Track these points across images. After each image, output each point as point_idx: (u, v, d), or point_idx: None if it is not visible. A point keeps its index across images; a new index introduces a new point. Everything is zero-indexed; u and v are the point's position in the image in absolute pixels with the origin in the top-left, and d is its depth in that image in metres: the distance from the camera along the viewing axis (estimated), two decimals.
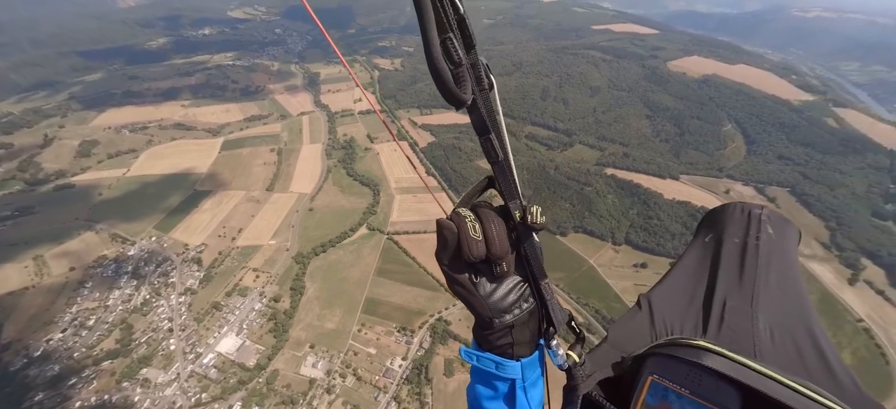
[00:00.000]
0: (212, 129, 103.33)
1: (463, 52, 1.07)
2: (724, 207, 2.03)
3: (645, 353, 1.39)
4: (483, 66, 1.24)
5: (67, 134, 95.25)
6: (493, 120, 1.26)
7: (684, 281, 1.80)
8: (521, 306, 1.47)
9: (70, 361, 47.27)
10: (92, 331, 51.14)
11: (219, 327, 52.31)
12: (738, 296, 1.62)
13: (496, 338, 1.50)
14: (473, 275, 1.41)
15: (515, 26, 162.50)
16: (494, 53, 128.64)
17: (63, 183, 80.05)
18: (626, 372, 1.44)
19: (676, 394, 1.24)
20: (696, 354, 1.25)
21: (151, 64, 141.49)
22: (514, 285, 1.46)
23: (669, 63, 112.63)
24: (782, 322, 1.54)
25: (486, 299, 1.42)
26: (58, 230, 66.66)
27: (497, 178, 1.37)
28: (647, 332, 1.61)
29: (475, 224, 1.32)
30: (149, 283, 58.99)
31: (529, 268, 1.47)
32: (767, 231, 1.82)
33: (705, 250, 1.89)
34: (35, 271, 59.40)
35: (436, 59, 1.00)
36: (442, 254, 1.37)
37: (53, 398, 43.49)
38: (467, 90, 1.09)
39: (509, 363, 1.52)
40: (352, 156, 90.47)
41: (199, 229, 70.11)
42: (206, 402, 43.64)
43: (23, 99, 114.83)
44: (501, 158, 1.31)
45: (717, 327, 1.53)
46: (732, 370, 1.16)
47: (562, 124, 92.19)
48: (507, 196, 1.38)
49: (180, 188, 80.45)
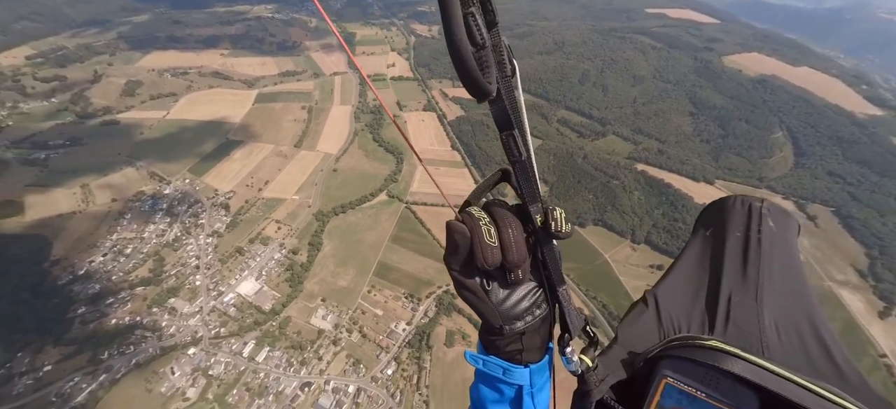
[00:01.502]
0: (247, 80, 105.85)
1: (485, 30, 0.88)
2: (723, 200, 1.98)
3: (657, 354, 1.34)
4: (505, 48, 1.06)
5: (115, 72, 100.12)
6: (516, 113, 1.11)
7: (688, 276, 1.77)
8: (534, 312, 1.39)
9: (108, 283, 51.65)
10: (128, 259, 55.36)
11: (240, 270, 55.37)
12: (742, 291, 1.59)
13: (505, 344, 1.43)
14: (485, 281, 1.30)
15: (563, 2, 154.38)
16: (536, 30, 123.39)
17: (109, 119, 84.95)
18: (638, 374, 1.40)
19: (691, 397, 1.21)
20: (711, 356, 1.21)
21: (195, 10, 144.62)
22: (529, 291, 1.37)
23: (725, 58, 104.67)
24: (787, 317, 1.52)
25: (498, 306, 1.32)
26: (103, 163, 71.37)
27: (517, 178, 1.25)
28: (655, 331, 1.58)
29: (490, 228, 1.20)
30: (180, 221, 62.71)
31: (547, 275, 1.38)
32: (769, 224, 1.78)
33: (707, 245, 1.86)
34: (82, 198, 64.28)
35: (459, 41, 0.81)
36: (452, 258, 1.25)
37: (93, 313, 47.96)
38: (492, 78, 0.91)
39: (518, 370, 1.46)
40: (379, 121, 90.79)
41: (229, 177, 73.27)
42: (224, 336, 46.95)
43: (76, 34, 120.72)
44: (524, 157, 1.18)
45: (724, 324, 1.50)
46: (751, 373, 1.14)
47: (597, 112, 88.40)
48: (528, 198, 1.27)
49: (214, 135, 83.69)
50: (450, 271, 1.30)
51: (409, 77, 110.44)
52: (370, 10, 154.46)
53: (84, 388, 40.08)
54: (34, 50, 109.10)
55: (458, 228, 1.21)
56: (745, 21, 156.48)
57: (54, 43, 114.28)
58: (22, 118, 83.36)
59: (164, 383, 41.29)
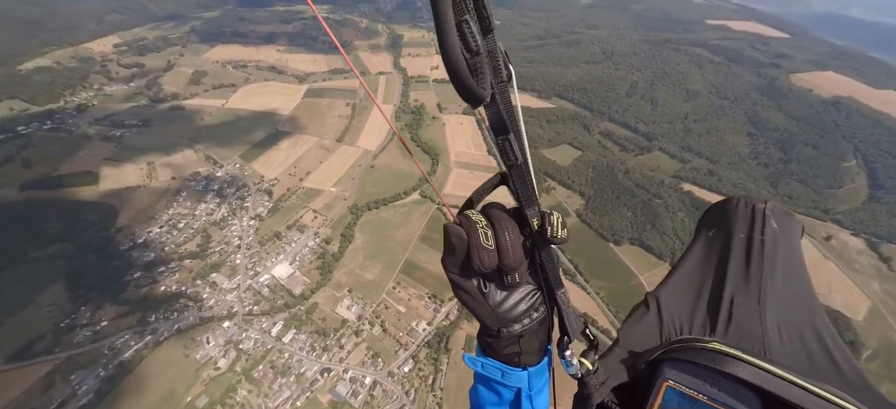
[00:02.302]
0: (299, 75, 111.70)
1: (480, 37, 0.88)
2: (726, 201, 1.98)
3: (658, 357, 1.33)
4: (501, 54, 1.06)
5: (185, 62, 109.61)
6: (512, 118, 1.11)
7: (690, 278, 1.77)
8: (532, 315, 1.39)
9: (161, 253, 56.49)
10: (180, 232, 60.21)
11: (276, 253, 58.36)
12: (745, 293, 1.59)
13: (503, 347, 1.44)
14: (482, 284, 1.31)
15: (615, 10, 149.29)
16: (585, 38, 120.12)
17: (176, 104, 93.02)
18: (639, 376, 1.40)
19: (692, 400, 1.19)
20: (713, 358, 1.21)
21: (258, 8, 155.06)
22: (526, 294, 1.38)
23: (794, 75, 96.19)
24: (789, 319, 1.51)
25: (495, 309, 1.33)
26: (167, 144, 78.27)
27: (514, 182, 1.23)
28: (656, 333, 1.59)
29: (487, 231, 1.20)
30: (228, 203, 67.26)
31: (545, 279, 1.39)
32: (772, 226, 1.76)
33: (710, 246, 1.86)
34: (147, 174, 70.89)
35: (451, 48, 0.80)
36: (449, 261, 1.26)
37: (146, 278, 52.65)
38: (486, 83, 0.90)
39: (515, 372, 1.46)
40: (419, 122, 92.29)
41: (275, 165, 77.60)
42: (256, 314, 49.71)
43: (156, 27, 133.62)
44: (520, 161, 1.16)
45: (725, 326, 1.50)
46: (753, 376, 1.13)
47: (643, 126, 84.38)
48: (524, 202, 1.25)
49: (265, 125, 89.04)
50: (447, 274, 1.30)
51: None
52: (419, 13, 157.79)
53: (132, 345, 44.12)
54: (121, 39, 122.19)
55: (455, 230, 1.20)
56: (820, 37, 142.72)
57: (138, 34, 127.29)
58: (105, 99, 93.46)
59: (199, 350, 44.42)
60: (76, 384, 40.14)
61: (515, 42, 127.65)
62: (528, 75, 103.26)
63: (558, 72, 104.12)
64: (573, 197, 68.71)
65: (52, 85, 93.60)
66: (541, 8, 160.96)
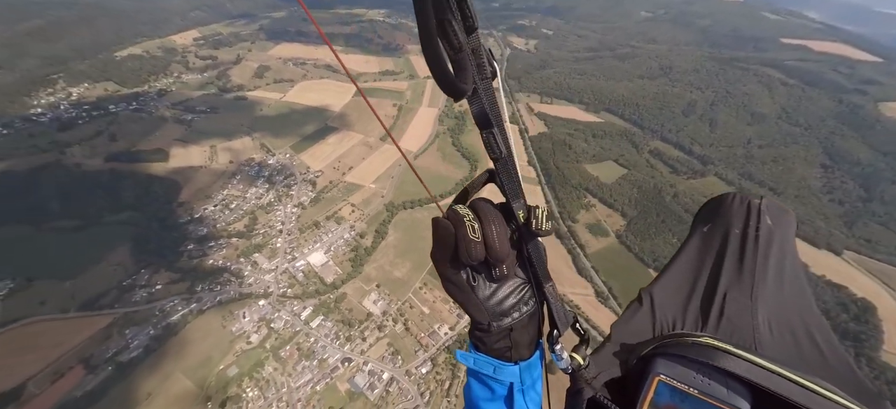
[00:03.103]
0: (352, 75, 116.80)
1: (463, 35, 0.93)
2: (722, 197, 2.00)
3: (650, 352, 1.35)
4: (486, 51, 1.12)
5: (252, 58, 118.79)
6: (495, 112, 1.15)
7: (684, 274, 1.79)
8: (521, 309, 1.41)
9: (213, 229, 61.37)
10: (231, 212, 65.08)
11: (314, 242, 61.19)
12: (737, 288, 1.61)
13: (494, 341, 1.45)
14: (471, 277, 1.34)
15: (677, 24, 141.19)
16: (641, 52, 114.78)
17: (240, 95, 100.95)
18: (631, 371, 1.42)
19: (684, 394, 1.21)
20: (703, 353, 1.22)
21: (321, 10, 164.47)
22: (515, 287, 1.40)
23: (883, 104, 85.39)
24: (781, 314, 1.53)
25: (484, 302, 1.35)
26: (229, 130, 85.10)
27: (499, 175, 1.28)
28: (649, 328, 1.60)
29: (474, 224, 1.22)
30: (276, 189, 71.65)
31: (533, 271, 1.42)
32: (766, 222, 1.78)
33: (704, 242, 1.88)
34: (209, 156, 77.46)
35: (430, 44, 0.87)
36: (438, 254, 1.29)
37: (198, 251, 57.42)
38: (468, 79, 0.97)
39: (507, 367, 1.48)
40: (461, 127, 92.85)
41: (321, 158, 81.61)
42: (289, 296, 52.38)
43: (230, 24, 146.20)
44: (504, 154, 1.22)
45: (717, 321, 1.51)
46: (742, 369, 1.14)
47: (699, 148, 78.80)
48: (510, 196, 1.30)
49: (316, 120, 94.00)
50: (437, 268, 1.32)
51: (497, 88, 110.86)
52: None
53: (179, 311, 48.27)
54: (200, 34, 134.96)
55: (443, 223, 1.22)
56: None
57: (214, 29, 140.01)
58: (181, 86, 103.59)
59: (235, 323, 47.63)
60: (129, 338, 44.72)
61: (567, 53, 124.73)
62: (576, 87, 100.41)
63: (609, 85, 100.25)
64: (614, 216, 65.62)
65: (139, 71, 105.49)
66: (596, 19, 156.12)
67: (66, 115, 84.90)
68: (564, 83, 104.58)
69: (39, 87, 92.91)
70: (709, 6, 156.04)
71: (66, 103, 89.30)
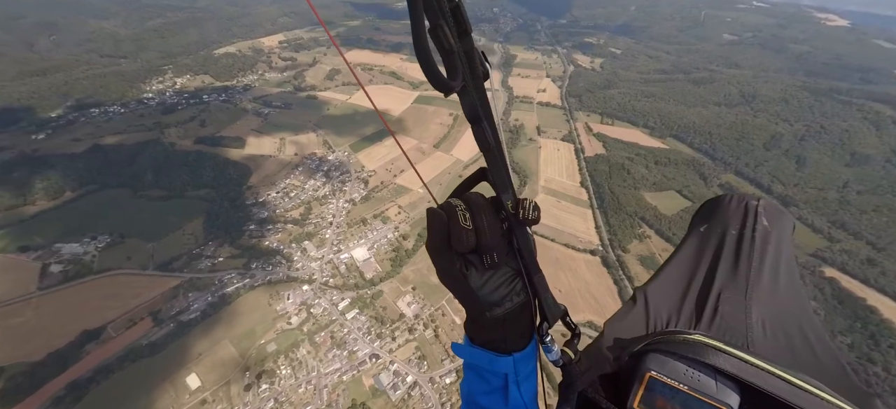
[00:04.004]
0: (414, 82, 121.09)
1: (455, 39, 1.05)
2: (719, 198, 2.03)
3: (642, 349, 1.38)
4: (479, 54, 1.25)
5: (325, 61, 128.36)
6: (485, 108, 1.26)
7: (679, 274, 1.82)
8: (513, 299, 1.45)
9: (272, 214, 66.77)
10: (290, 200, 70.35)
11: (359, 237, 63.94)
12: (732, 288, 1.63)
13: (487, 332, 1.52)
14: (464, 266, 1.38)
15: (767, 49, 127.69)
16: (720, 77, 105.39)
17: (311, 94, 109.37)
18: (623, 368, 1.44)
19: (673, 389, 1.24)
20: (693, 349, 1.26)
21: (393, 20, 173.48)
22: (506, 278, 1.44)
23: None
24: (775, 314, 1.54)
25: (476, 291, 1.39)
26: (297, 125, 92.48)
27: (489, 168, 1.37)
28: (642, 326, 1.63)
29: (465, 214, 1.30)
30: (331, 184, 76.17)
31: (522, 261, 1.47)
32: (763, 223, 1.81)
33: (701, 242, 1.90)
34: (278, 147, 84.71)
35: (419, 44, 0.97)
36: (432, 243, 1.37)
37: (257, 232, 62.76)
38: (457, 77, 1.07)
39: (502, 358, 1.52)
40: (514, 141, 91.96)
41: (376, 159, 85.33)
42: (330, 286, 55.12)
43: (311, 30, 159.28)
44: (493, 146, 1.32)
45: (711, 320, 1.53)
46: (730, 365, 1.17)
47: (780, 187, 70.04)
48: (499, 188, 1.39)
49: (376, 123, 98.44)
50: (431, 257, 1.39)
51: (557, 105, 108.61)
52: (537, 36, 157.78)
53: (234, 284, 53.03)
54: (285, 38, 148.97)
55: (437, 213, 1.32)
56: None
57: (297, 35, 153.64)
58: (264, 83, 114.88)
59: (280, 303, 51.16)
60: (191, 301, 50.05)
61: (634, 74, 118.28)
62: (641, 110, 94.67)
63: (679, 110, 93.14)
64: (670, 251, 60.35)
65: (231, 67, 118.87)
66: (671, 40, 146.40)
67: (169, 101, 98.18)
68: (629, 105, 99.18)
69: (153, 75, 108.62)
70: (807, 30, 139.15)
71: (170, 91, 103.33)
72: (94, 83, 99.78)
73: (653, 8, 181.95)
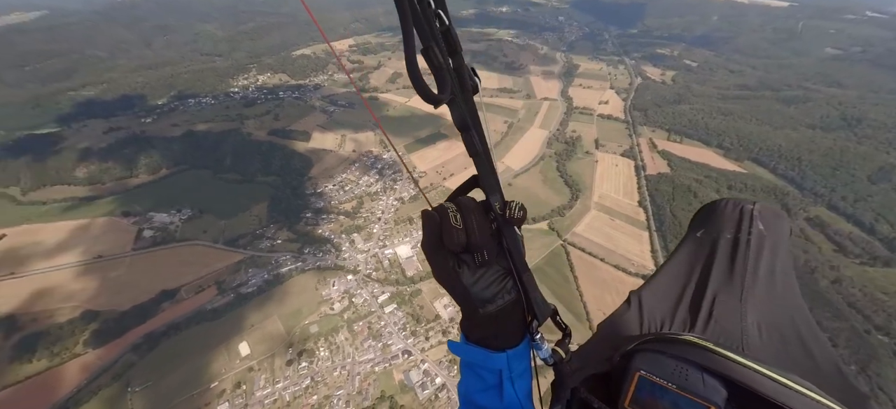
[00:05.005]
0: None
1: (445, 57, 1.16)
2: (715, 203, 2.05)
3: (632, 349, 1.41)
4: (468, 69, 1.40)
5: (390, 65, 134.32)
6: (474, 118, 1.40)
7: (675, 278, 1.84)
8: (504, 296, 1.51)
9: (328, 204, 71.22)
10: (344, 193, 74.52)
11: (404, 235, 65.76)
12: (727, 291, 1.64)
13: (481, 329, 1.58)
14: (457, 265, 1.45)
15: (879, 67, 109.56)
16: (816, 96, 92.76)
17: (374, 95, 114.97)
18: (615, 368, 1.46)
19: (663, 389, 1.26)
20: (682, 349, 1.29)
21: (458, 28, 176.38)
22: (497, 276, 1.51)
23: None
24: (771, 317, 1.55)
25: (469, 287, 1.46)
26: (358, 124, 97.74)
27: (478, 172, 1.47)
28: (635, 328, 1.65)
29: (456, 215, 1.38)
30: (383, 181, 79.36)
31: (512, 260, 1.54)
32: (758, 227, 1.83)
33: (697, 247, 1.93)
34: (339, 143, 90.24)
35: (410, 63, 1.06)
36: (426, 242, 1.45)
37: (313, 220, 67.37)
38: (446, 90, 1.16)
39: (495, 355, 1.58)
40: (570, 153, 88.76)
41: (428, 160, 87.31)
42: (372, 279, 57.38)
43: (379, 35, 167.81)
44: (481, 152, 1.43)
45: (705, 323, 1.54)
46: (716, 364, 1.20)
47: (887, 228, 59.75)
48: (488, 190, 1.49)
49: (431, 126, 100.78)
50: (426, 256, 1.48)
51: (619, 118, 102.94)
52: (603, 46, 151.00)
53: (288, 266, 57.48)
54: (354, 42, 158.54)
55: (430, 214, 1.43)
56: None
57: (366, 39, 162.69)
58: (332, 83, 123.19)
59: (325, 289, 54.36)
60: (250, 276, 55.21)
61: (711, 89, 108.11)
62: (716, 128, 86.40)
63: (762, 132, 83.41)
64: None
65: (305, 67, 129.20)
66: (759, 53, 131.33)
67: (251, 95, 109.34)
68: (701, 122, 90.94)
69: (240, 72, 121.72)
70: None
71: (253, 87, 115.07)
72: (193, 77, 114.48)
73: (739, 17, 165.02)
